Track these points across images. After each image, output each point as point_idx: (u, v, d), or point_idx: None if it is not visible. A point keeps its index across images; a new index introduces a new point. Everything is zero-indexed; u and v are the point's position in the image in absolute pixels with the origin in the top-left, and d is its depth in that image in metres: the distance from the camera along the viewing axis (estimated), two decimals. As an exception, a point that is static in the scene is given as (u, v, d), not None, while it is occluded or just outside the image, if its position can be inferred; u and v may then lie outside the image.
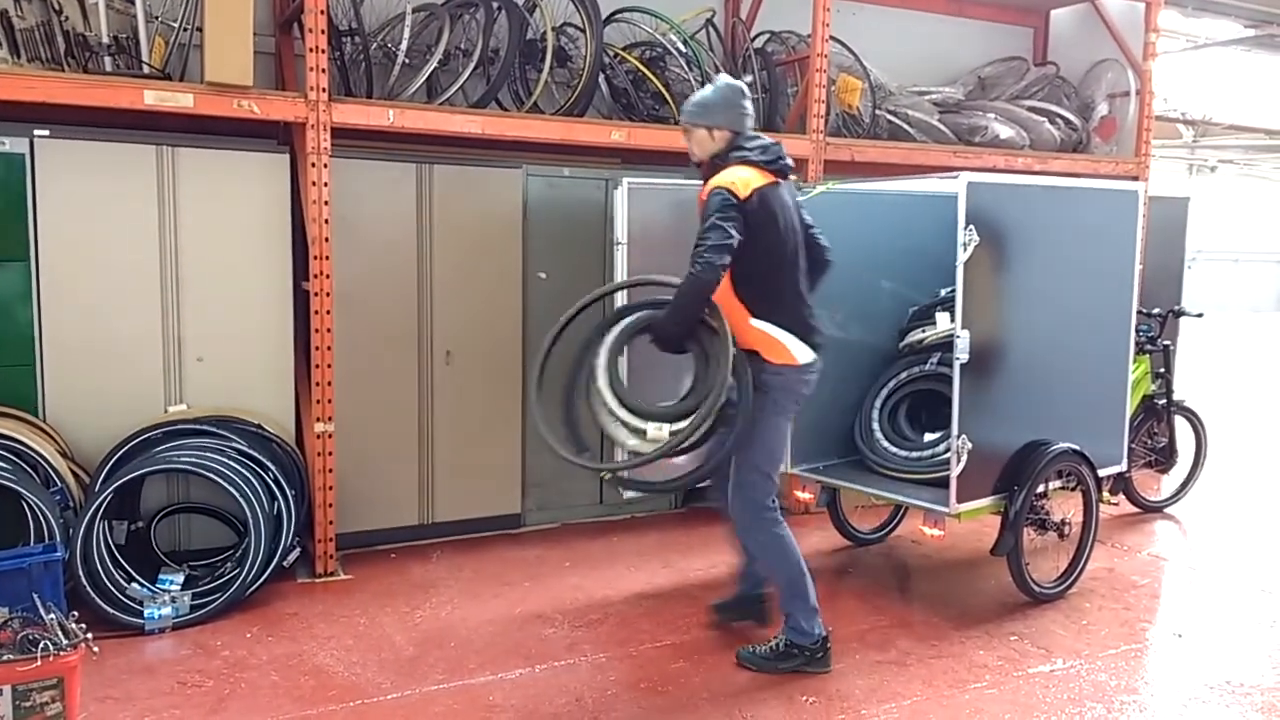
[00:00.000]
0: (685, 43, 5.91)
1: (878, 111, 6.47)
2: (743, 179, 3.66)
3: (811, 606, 3.89)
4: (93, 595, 4.08)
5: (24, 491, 3.99)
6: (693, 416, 3.53)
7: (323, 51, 4.58)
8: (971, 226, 4.11)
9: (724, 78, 3.93)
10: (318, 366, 4.74)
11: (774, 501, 3.84)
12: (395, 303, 5.17)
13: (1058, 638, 4.29)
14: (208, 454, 4.43)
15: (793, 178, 3.90)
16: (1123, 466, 5.14)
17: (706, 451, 3.82)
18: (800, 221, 3.90)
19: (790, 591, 3.89)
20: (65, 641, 3.39)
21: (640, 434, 3.59)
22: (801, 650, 3.88)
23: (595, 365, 3.70)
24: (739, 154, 3.74)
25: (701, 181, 3.81)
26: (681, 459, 3.84)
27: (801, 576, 3.86)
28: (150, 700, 3.61)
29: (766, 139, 3.85)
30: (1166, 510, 6.31)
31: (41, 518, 4.01)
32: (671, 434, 3.54)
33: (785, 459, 3.82)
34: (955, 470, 4.25)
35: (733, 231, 3.57)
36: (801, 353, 3.75)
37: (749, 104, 3.86)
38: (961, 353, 4.17)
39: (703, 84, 5.84)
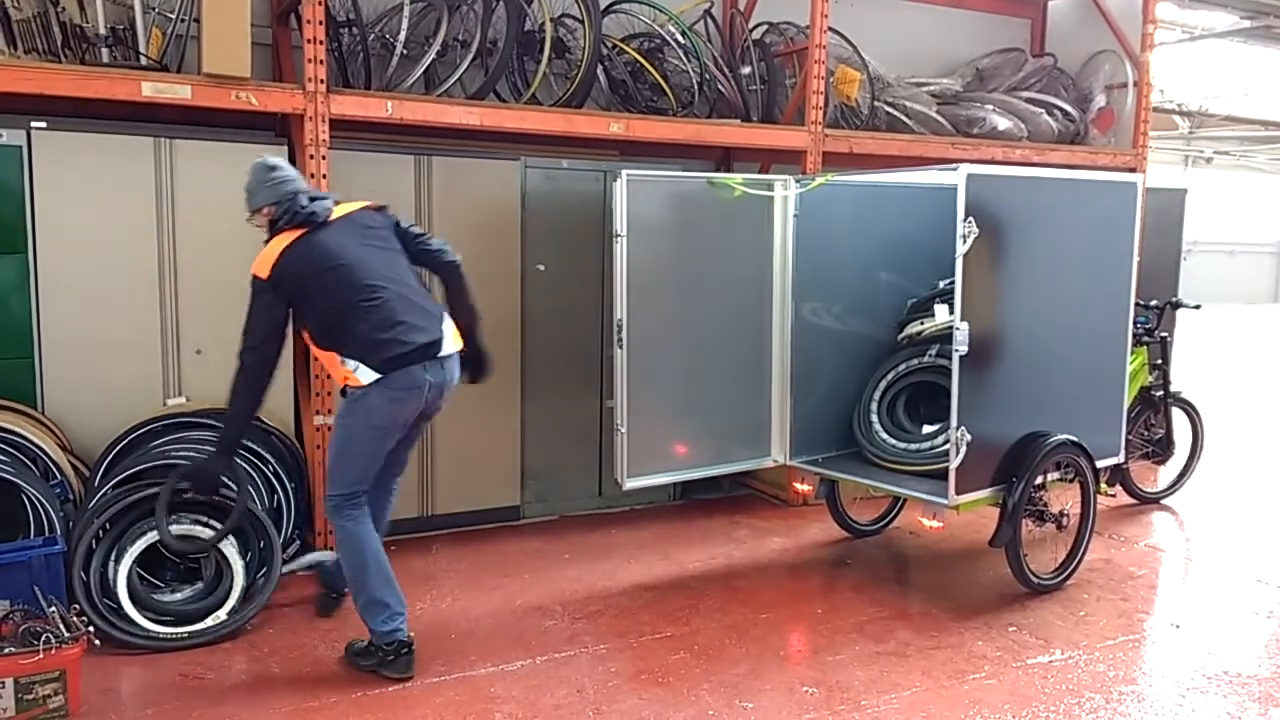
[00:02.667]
0: (684, 34, 5.91)
1: (876, 103, 6.47)
2: (266, 255, 3.74)
3: (381, 604, 3.76)
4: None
5: (24, 484, 3.98)
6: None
7: (320, 43, 4.57)
8: (971, 218, 4.12)
9: (255, 161, 3.92)
10: (316, 359, 4.72)
11: (353, 500, 3.82)
12: (394, 295, 5.16)
13: (1056, 628, 4.31)
14: (207, 448, 4.42)
15: (340, 208, 3.87)
16: (1120, 458, 5.15)
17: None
18: (379, 247, 3.86)
19: (356, 587, 3.82)
20: (67, 634, 3.41)
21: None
22: (376, 650, 3.77)
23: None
24: (280, 224, 3.79)
25: None
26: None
27: (365, 572, 3.78)
28: (151, 692, 3.61)
29: (302, 197, 3.80)
30: (1163, 501, 6.33)
31: (42, 511, 4.01)
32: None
33: (375, 467, 3.89)
34: (954, 462, 4.26)
35: (266, 317, 3.73)
36: (365, 375, 3.72)
37: (280, 172, 3.84)
38: (960, 345, 4.18)
39: (701, 75, 5.86)
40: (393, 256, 3.89)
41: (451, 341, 3.89)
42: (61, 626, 3.44)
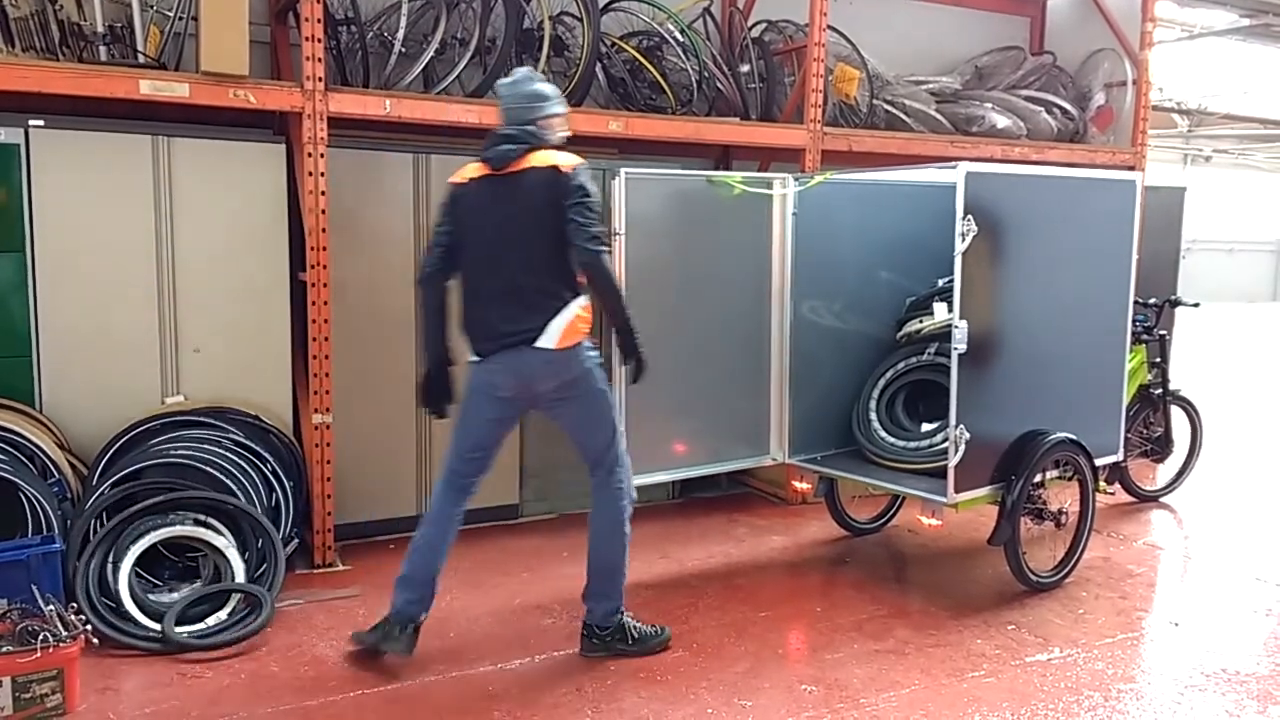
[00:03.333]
0: (682, 32, 5.90)
1: (875, 101, 6.46)
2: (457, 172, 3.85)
3: (412, 583, 3.84)
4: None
5: (22, 483, 3.98)
6: None
7: (319, 41, 4.56)
8: (970, 216, 4.11)
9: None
10: (315, 358, 4.73)
11: (453, 475, 3.92)
12: (393, 293, 5.16)
13: (1055, 627, 4.31)
14: (205, 446, 4.43)
15: (525, 165, 3.71)
16: (1119, 456, 5.15)
17: None
18: (502, 222, 3.72)
19: (407, 554, 3.91)
20: (64, 633, 3.40)
21: None
22: (386, 622, 3.84)
23: None
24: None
25: None
26: None
27: (417, 550, 3.87)
28: (150, 691, 3.61)
29: (499, 130, 3.78)
30: (1162, 499, 6.33)
31: (39, 509, 4.00)
32: None
33: (473, 441, 3.93)
34: (953, 460, 4.26)
35: (438, 229, 3.86)
36: (470, 355, 3.83)
37: (511, 88, 3.82)
38: (959, 343, 4.18)
39: (700, 73, 5.86)
40: (531, 235, 3.69)
41: (554, 337, 3.69)
42: (59, 625, 3.43)
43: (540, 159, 3.71)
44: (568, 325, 3.71)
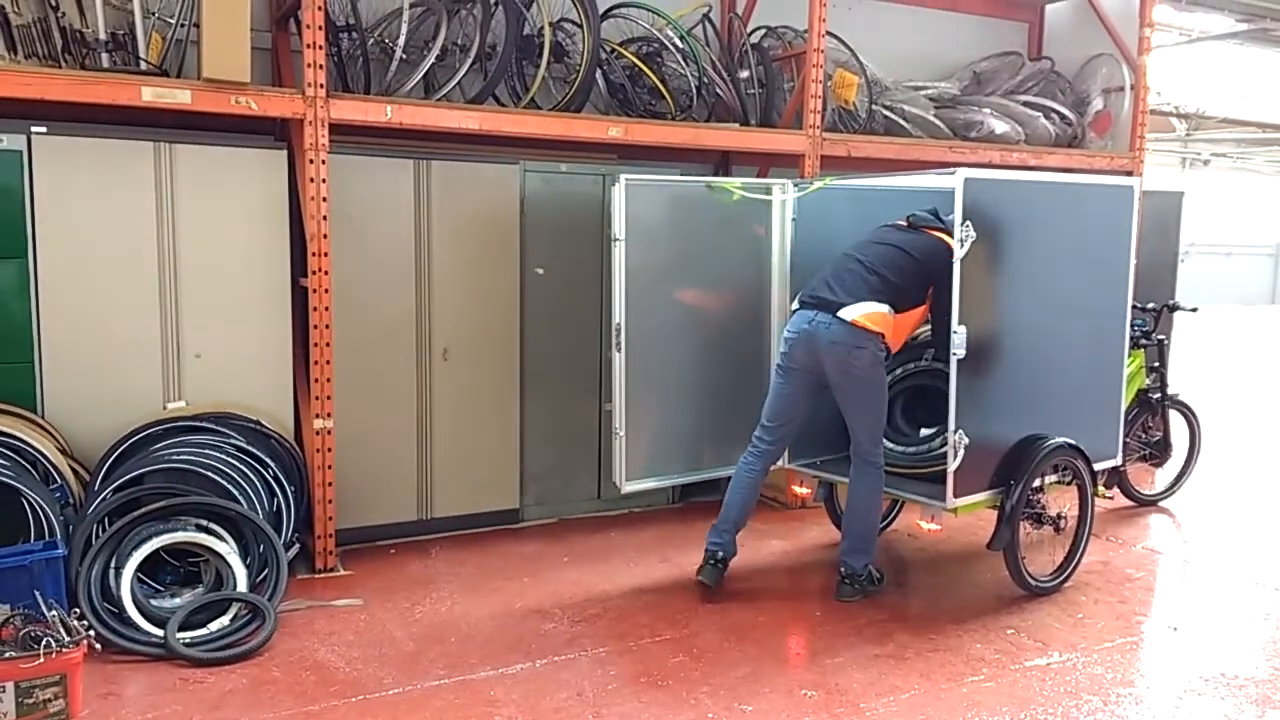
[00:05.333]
0: (682, 38, 5.92)
1: (874, 107, 6.48)
2: None
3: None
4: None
5: (24, 488, 3.99)
6: None
7: (320, 47, 4.58)
8: (968, 222, 4.13)
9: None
10: (316, 363, 4.74)
11: (756, 433, 4.71)
12: (393, 299, 5.18)
13: (1054, 631, 4.32)
14: (207, 452, 4.44)
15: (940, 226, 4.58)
16: (1118, 460, 5.17)
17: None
18: (876, 242, 4.64)
19: None
20: (67, 638, 3.41)
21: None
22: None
23: None
24: None
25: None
26: None
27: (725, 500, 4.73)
28: (152, 696, 3.62)
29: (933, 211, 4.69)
30: (1161, 504, 6.34)
31: (42, 515, 4.01)
32: None
33: (774, 411, 4.67)
34: (952, 465, 4.27)
35: None
36: (792, 304, 4.67)
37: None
38: (958, 348, 4.19)
39: (699, 79, 5.88)
40: (894, 257, 4.49)
41: (852, 311, 4.33)
42: (62, 630, 3.44)
43: (942, 235, 4.49)
44: (870, 313, 4.34)
